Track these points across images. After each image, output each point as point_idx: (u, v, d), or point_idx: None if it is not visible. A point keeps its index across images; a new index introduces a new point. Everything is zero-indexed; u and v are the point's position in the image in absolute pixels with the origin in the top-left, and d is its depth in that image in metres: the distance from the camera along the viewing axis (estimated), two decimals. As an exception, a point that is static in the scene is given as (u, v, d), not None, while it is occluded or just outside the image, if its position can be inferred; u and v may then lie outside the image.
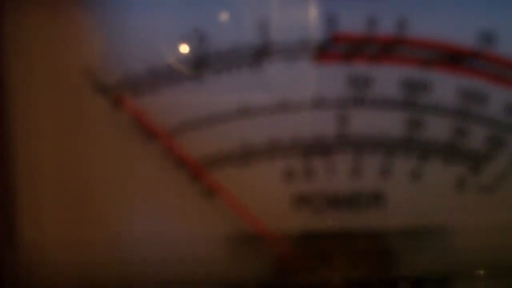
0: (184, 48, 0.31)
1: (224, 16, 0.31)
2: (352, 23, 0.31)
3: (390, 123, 0.32)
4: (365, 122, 0.32)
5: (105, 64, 0.31)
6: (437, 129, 0.32)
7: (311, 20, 0.31)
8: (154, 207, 0.33)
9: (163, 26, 0.31)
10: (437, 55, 0.32)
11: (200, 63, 0.31)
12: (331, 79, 0.32)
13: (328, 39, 0.31)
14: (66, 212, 0.32)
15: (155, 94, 0.31)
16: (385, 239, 0.33)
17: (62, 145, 0.32)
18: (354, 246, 0.33)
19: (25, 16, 0.31)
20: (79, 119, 0.32)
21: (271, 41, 0.31)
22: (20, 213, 0.32)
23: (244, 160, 0.32)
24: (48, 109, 0.32)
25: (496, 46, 0.32)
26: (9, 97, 0.31)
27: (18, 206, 0.32)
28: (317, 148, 0.32)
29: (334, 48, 0.31)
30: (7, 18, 0.31)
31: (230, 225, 0.33)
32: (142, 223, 0.33)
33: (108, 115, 0.32)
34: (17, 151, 0.32)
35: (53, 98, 0.32)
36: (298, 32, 0.31)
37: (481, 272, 0.33)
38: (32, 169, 0.32)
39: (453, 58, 0.32)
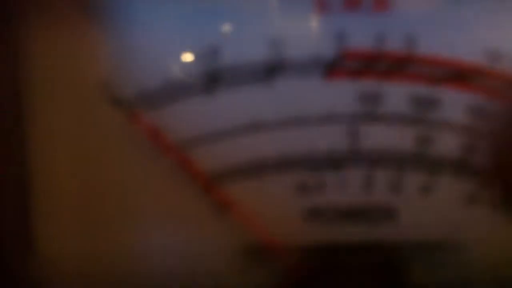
0: (197, 63, 0.32)
1: (236, 32, 0.32)
2: (362, 40, 0.32)
3: (401, 139, 0.33)
4: (376, 137, 0.33)
5: (119, 78, 0.32)
6: (447, 144, 0.33)
7: (320, 37, 0.32)
8: (167, 220, 0.33)
9: (176, 40, 0.32)
10: (447, 72, 0.32)
11: (213, 78, 0.32)
12: (342, 95, 0.32)
13: (338, 56, 0.32)
14: (82, 223, 0.33)
15: (168, 108, 0.32)
16: (396, 253, 0.33)
17: (78, 158, 0.33)
18: (365, 260, 0.33)
19: (42, 31, 0.32)
20: (95, 132, 0.33)
21: (283, 57, 0.32)
22: (38, 226, 0.33)
23: (256, 174, 0.33)
24: (64, 122, 0.33)
25: (505, 63, 0.32)
26: (26, 112, 0.32)
27: (36, 218, 0.33)
28: (328, 163, 0.33)
29: (344, 64, 0.32)
30: (25, 33, 0.32)
31: (242, 239, 0.33)
32: (155, 236, 0.33)
33: (123, 129, 0.32)
34: (35, 164, 0.33)
35: (70, 112, 0.32)
36: (309, 48, 0.32)
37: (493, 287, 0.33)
38: (50, 182, 0.33)
39: (462, 75, 0.32)
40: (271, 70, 0.32)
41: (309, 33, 0.32)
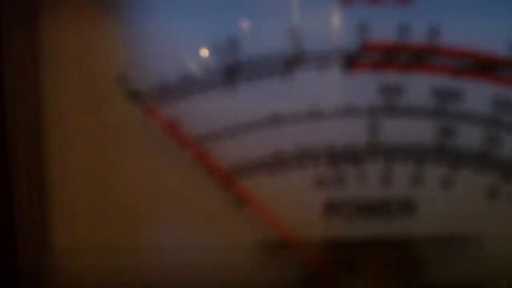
0: (216, 56, 0.31)
1: (255, 25, 0.31)
2: (384, 32, 0.31)
3: (421, 131, 0.32)
4: (396, 130, 0.32)
5: (137, 72, 0.32)
6: (469, 137, 0.32)
7: (342, 29, 0.31)
8: (185, 214, 0.33)
9: (195, 34, 0.31)
10: (469, 64, 0.31)
11: (232, 72, 0.31)
12: (362, 87, 0.32)
13: (359, 48, 0.31)
14: (98, 218, 0.33)
15: (187, 101, 0.32)
16: (415, 247, 0.33)
17: (94, 152, 0.32)
18: (384, 254, 0.33)
19: (60, 25, 0.31)
20: (111, 126, 0.32)
21: (302, 49, 0.31)
22: (54, 219, 0.33)
23: (274, 168, 0.32)
24: (81, 116, 0.32)
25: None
26: (44, 106, 0.32)
27: (52, 211, 0.33)
28: (348, 156, 0.32)
29: (365, 56, 0.31)
30: (43, 27, 0.31)
31: (260, 233, 0.33)
32: (172, 230, 0.33)
33: (141, 123, 0.32)
34: (52, 158, 0.32)
35: (86, 106, 0.32)
36: (329, 41, 0.31)
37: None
38: (66, 176, 0.33)
39: (485, 67, 0.31)
40: (291, 63, 0.31)
41: (331, 25, 0.31)
